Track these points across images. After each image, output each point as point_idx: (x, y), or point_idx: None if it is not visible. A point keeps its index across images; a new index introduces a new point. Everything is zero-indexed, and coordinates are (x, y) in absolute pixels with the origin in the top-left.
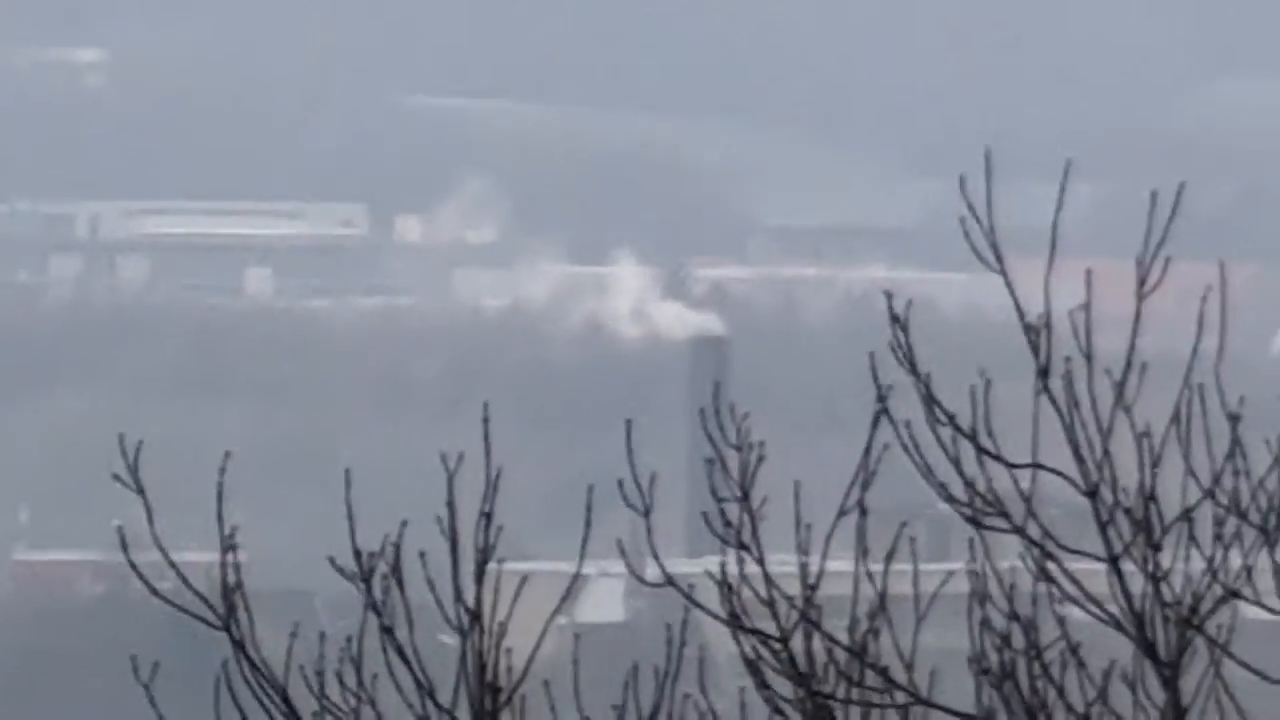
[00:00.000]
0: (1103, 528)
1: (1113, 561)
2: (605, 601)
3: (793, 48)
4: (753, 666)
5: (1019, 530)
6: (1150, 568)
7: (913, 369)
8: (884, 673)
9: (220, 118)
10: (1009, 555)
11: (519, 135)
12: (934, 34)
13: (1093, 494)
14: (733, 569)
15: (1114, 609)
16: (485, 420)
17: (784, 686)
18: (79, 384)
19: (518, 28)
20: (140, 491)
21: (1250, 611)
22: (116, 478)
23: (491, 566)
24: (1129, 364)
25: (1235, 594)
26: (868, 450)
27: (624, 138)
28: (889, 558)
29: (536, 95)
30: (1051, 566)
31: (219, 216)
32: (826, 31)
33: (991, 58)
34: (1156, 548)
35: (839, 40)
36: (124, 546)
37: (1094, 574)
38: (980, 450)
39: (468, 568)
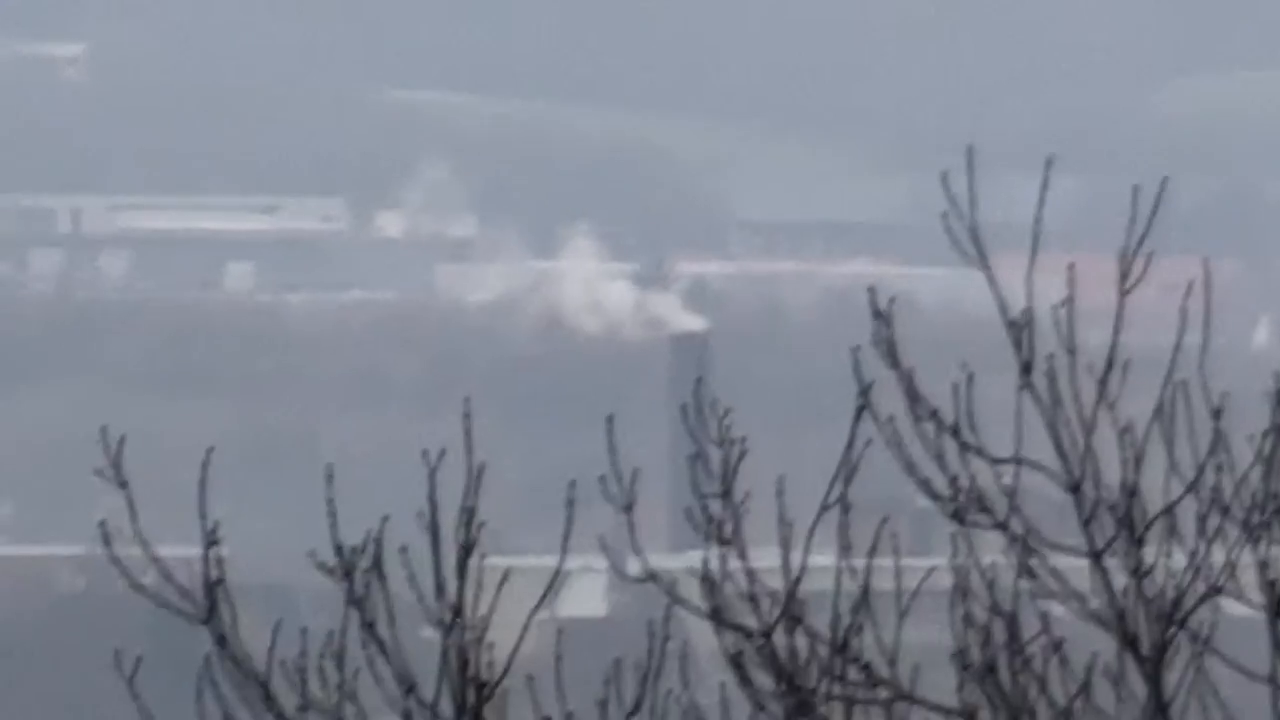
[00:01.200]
0: (1085, 523)
1: (1095, 557)
2: (587, 597)
3: (773, 42)
4: (735, 662)
5: (1001, 526)
6: (1133, 563)
7: (895, 364)
8: (866, 668)
9: (198, 112)
10: (991, 551)
11: (496, 130)
12: (915, 28)
13: (1075, 489)
14: (715, 564)
15: (1096, 605)
16: (467, 415)
17: (766, 682)
18: (60, 379)
19: (495, 23)
20: (122, 486)
21: (1233, 607)
22: (98, 472)
23: (473, 562)
24: (1111, 360)
25: (1218, 590)
26: (850, 445)
27: (602, 133)
28: (871, 553)
29: (514, 90)
30: (1034, 562)
31: (199, 211)
32: (807, 26)
33: (973, 51)
34: (1139, 543)
35: (820, 35)
36: (106, 541)
37: (1077, 569)
38: (963, 445)
39: (450, 563)
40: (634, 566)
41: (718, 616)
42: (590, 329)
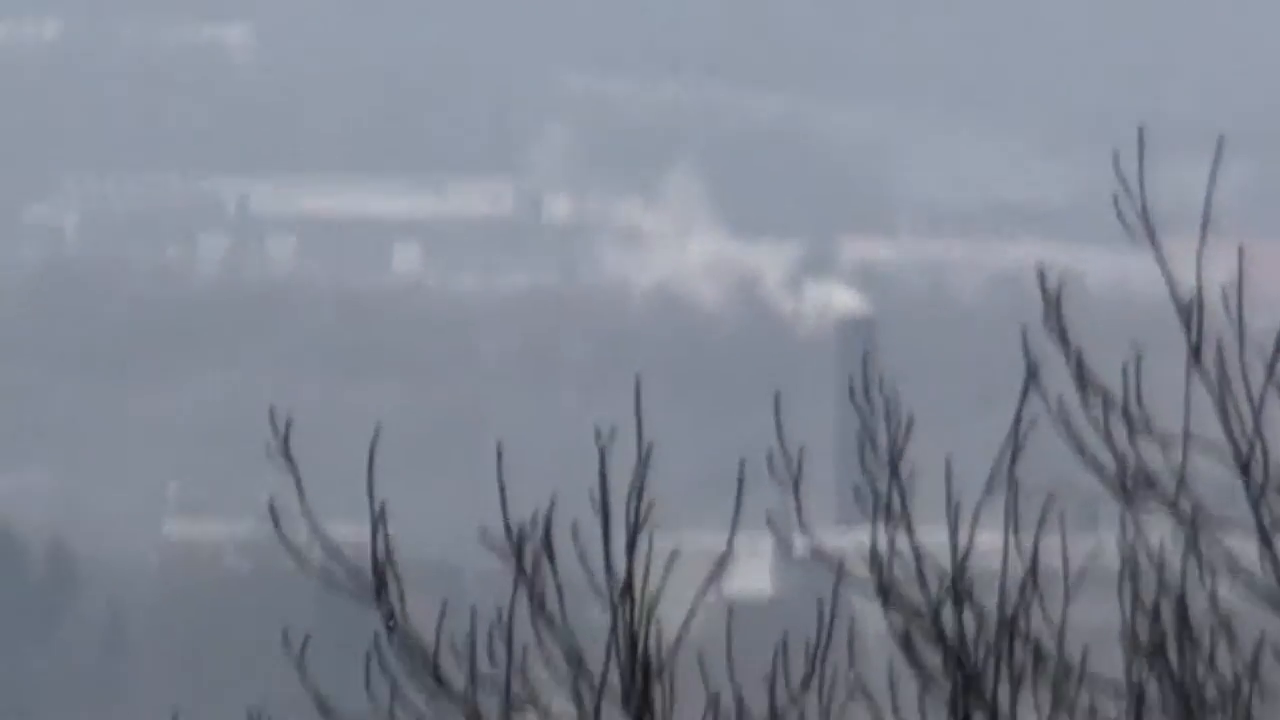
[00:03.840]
0: (1254, 503)
1: (1264, 537)
2: (755, 575)
3: (941, 25)
4: (903, 640)
5: (1170, 505)
6: None
7: (1064, 344)
8: (1035, 647)
9: (365, 93)
10: (1160, 531)
11: (667, 114)
12: (1085, 10)
13: (1244, 469)
14: (882, 542)
15: (1265, 584)
16: (637, 394)
17: (934, 660)
18: (228, 360)
19: (661, 5)
20: (291, 466)
21: None
22: (268, 452)
23: (642, 541)
24: None
25: None
26: (1017, 424)
27: (773, 117)
28: (1039, 532)
29: (685, 74)
30: (1202, 542)
31: (366, 193)
32: (975, 10)
33: (1144, 33)
34: None
35: (988, 18)
36: (275, 521)
37: (1245, 549)
38: (1132, 425)
39: (619, 542)
40: (801, 545)
41: (885, 594)
42: (758, 310)
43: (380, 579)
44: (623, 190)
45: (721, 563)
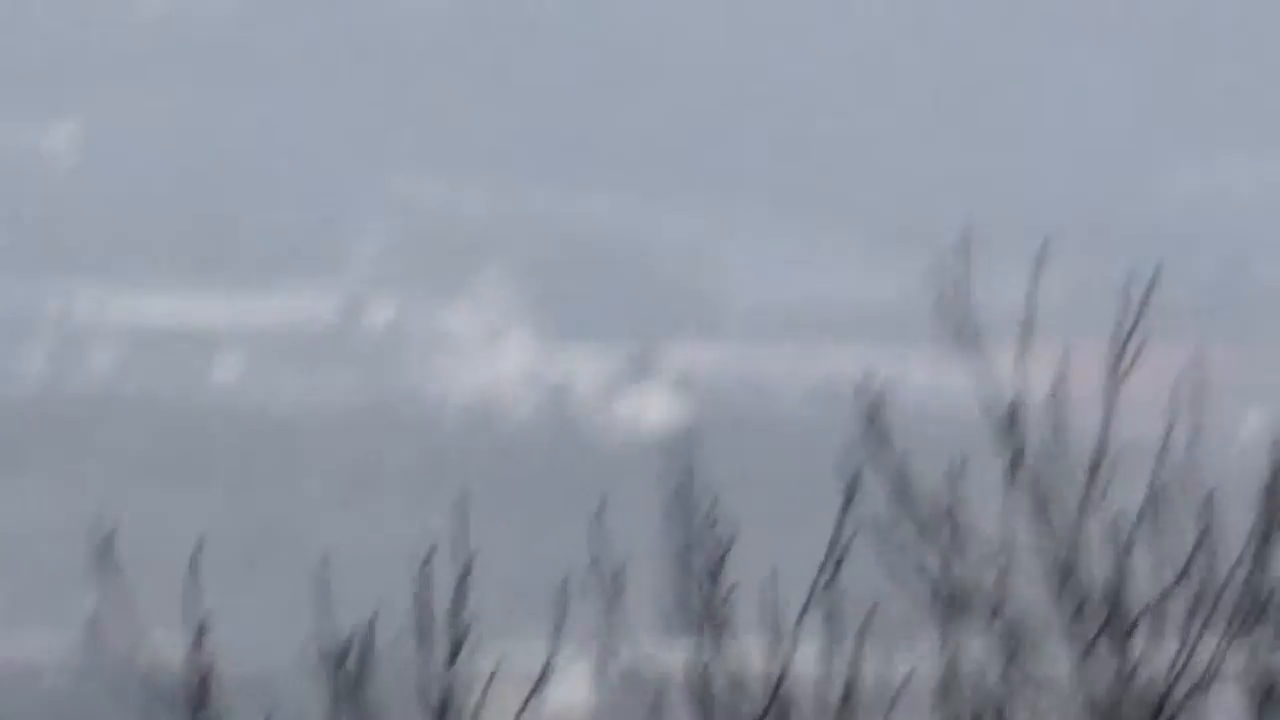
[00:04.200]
0: (1071, 617)
1: (1083, 650)
2: (575, 690)
3: (763, 125)
4: None
5: (988, 622)
6: (1121, 656)
7: (883, 461)
8: None
9: (190, 197)
10: (980, 642)
11: (480, 219)
12: (908, 112)
13: (1062, 582)
14: (703, 655)
15: (1084, 698)
16: (461, 510)
17: None
18: (48, 470)
19: (488, 108)
20: (113, 578)
21: (1220, 700)
22: (90, 564)
23: (463, 654)
24: (1100, 452)
25: (1206, 683)
26: (835, 539)
27: (587, 221)
28: (858, 647)
29: (498, 179)
30: (1021, 654)
31: (190, 300)
32: (798, 108)
33: (967, 137)
34: (1127, 636)
35: (811, 117)
36: (95, 640)
37: (1063, 659)
38: (952, 539)
39: (439, 656)
40: (624, 658)
41: (705, 710)
42: (579, 419)
43: (201, 694)
44: (444, 296)
45: (540, 680)
